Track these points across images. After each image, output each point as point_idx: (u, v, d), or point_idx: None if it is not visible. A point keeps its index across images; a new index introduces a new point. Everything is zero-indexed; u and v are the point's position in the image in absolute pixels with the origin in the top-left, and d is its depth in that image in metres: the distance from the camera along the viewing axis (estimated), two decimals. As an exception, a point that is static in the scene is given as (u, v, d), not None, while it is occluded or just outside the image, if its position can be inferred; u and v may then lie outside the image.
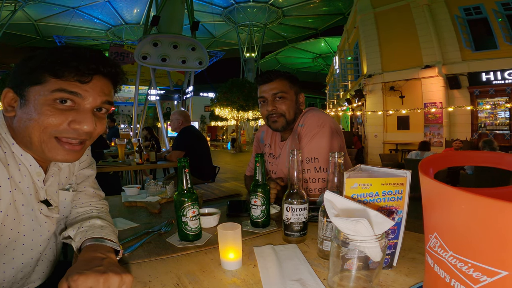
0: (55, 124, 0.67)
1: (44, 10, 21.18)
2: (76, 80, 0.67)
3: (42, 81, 0.66)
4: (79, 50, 0.69)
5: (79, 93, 0.68)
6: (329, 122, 1.37)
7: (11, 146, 0.71)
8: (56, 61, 0.66)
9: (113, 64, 0.74)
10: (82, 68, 0.67)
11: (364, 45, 12.08)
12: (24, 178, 0.74)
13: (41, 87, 0.66)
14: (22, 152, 0.73)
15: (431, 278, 0.47)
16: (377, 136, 11.64)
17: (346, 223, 0.56)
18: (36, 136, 0.67)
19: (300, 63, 35.31)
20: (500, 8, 9.22)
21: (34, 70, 0.66)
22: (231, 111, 14.66)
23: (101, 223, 0.85)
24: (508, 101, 9.37)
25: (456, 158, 0.64)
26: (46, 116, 0.66)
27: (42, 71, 0.66)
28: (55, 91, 0.65)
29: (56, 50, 0.69)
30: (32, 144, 0.69)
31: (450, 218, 0.41)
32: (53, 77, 0.66)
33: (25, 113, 0.67)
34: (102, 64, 0.70)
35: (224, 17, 25.71)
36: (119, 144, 3.65)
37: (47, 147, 0.69)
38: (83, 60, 0.67)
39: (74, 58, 0.67)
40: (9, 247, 0.74)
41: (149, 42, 9.34)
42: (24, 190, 0.74)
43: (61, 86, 0.66)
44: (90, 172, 0.98)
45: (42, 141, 0.68)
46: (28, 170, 0.74)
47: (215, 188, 1.79)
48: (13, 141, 0.71)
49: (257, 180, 0.99)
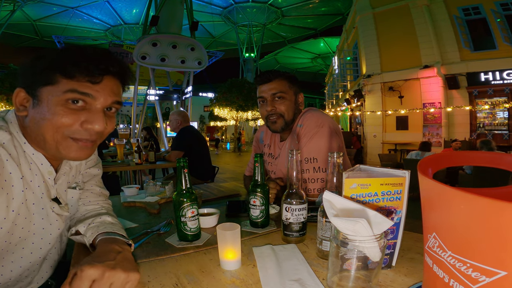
0: (68, 124, 0.68)
1: (43, 10, 21.15)
2: (88, 81, 0.68)
3: (54, 82, 0.67)
4: (88, 51, 0.71)
5: (90, 94, 0.69)
6: (328, 122, 1.37)
7: (22, 145, 0.73)
8: (66, 62, 0.67)
9: (122, 63, 0.75)
10: (92, 69, 0.68)
11: (363, 45, 12.11)
12: (35, 177, 0.75)
13: (54, 87, 0.67)
14: (33, 151, 0.74)
15: (430, 278, 0.47)
16: (376, 136, 11.66)
17: (345, 223, 0.56)
18: (49, 135, 0.69)
19: (299, 63, 35.35)
20: (499, 8, 9.25)
21: (45, 71, 0.67)
22: (230, 111, 14.66)
23: (111, 220, 0.87)
24: (506, 101, 9.40)
25: (455, 158, 0.64)
26: (59, 116, 0.67)
27: (53, 72, 0.67)
28: (67, 91, 0.67)
29: (66, 51, 0.70)
30: (45, 143, 0.70)
31: (449, 218, 0.41)
32: (64, 77, 0.67)
33: (38, 113, 0.68)
34: (111, 64, 0.72)
35: (224, 17, 25.73)
36: (118, 144, 3.64)
37: (61, 146, 0.70)
38: (93, 61, 0.69)
39: (84, 59, 0.68)
40: (19, 245, 0.76)
41: (148, 42, 9.33)
42: (35, 189, 0.75)
43: (73, 87, 0.67)
44: (96, 171, 0.99)
45: (56, 140, 0.69)
46: (39, 169, 0.76)
47: (214, 188, 1.79)
48: (24, 140, 0.73)
49: (256, 180, 0.99)
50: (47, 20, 22.62)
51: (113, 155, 4.39)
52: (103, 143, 4.65)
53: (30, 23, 22.38)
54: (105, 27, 25.30)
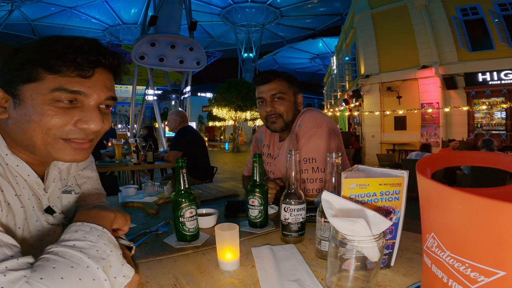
0: (59, 124, 0.60)
1: (41, 10, 21.06)
2: (77, 75, 0.60)
3: (37, 78, 0.58)
4: (74, 41, 0.61)
5: (82, 91, 0.61)
6: (326, 123, 1.38)
7: (4, 157, 0.64)
8: (50, 54, 0.58)
9: (114, 54, 0.66)
10: (81, 61, 0.59)
11: (361, 46, 12.13)
12: (23, 190, 0.67)
13: (37, 84, 0.58)
14: (18, 163, 0.66)
15: (429, 278, 0.47)
16: (374, 136, 11.68)
17: (344, 223, 0.56)
18: (39, 138, 0.60)
19: (298, 63, 35.38)
20: (497, 9, 9.29)
21: (25, 65, 0.58)
22: (228, 111, 14.64)
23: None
24: (504, 101, 9.44)
25: (453, 158, 0.64)
26: (48, 116, 0.59)
27: (35, 66, 0.58)
28: (54, 90, 0.58)
29: (48, 41, 0.61)
30: (35, 147, 0.62)
31: (448, 218, 0.41)
32: (49, 73, 0.58)
33: (22, 114, 0.59)
34: (102, 55, 0.63)
35: (222, 17, 25.72)
36: (116, 144, 3.64)
37: (53, 149, 0.62)
38: (81, 52, 0.59)
39: (71, 50, 0.59)
40: None
41: (146, 42, 9.30)
42: (25, 202, 0.68)
43: (61, 84, 0.59)
44: (90, 173, 0.95)
45: (47, 143, 0.61)
46: (26, 182, 0.68)
47: (212, 188, 1.79)
48: (6, 152, 0.64)
49: (255, 180, 0.99)
50: (45, 20, 22.52)
51: (111, 155, 4.38)
52: (101, 143, 4.63)
53: (28, 23, 22.28)
54: (103, 27, 25.22)
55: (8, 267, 0.45)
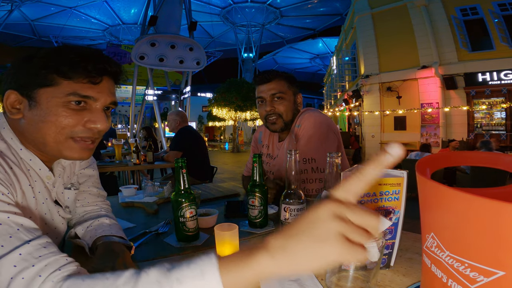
0: (72, 124, 0.68)
1: (41, 10, 21.08)
2: (88, 82, 0.68)
3: (53, 83, 0.66)
4: (84, 50, 0.69)
5: (92, 96, 0.69)
6: (326, 123, 1.38)
7: (18, 152, 0.70)
8: (64, 63, 0.66)
9: (116, 63, 0.75)
10: (91, 69, 0.67)
11: (361, 46, 12.13)
12: (35, 183, 0.73)
13: (54, 89, 0.66)
14: (30, 157, 0.72)
15: (428, 278, 0.47)
16: (374, 136, 11.68)
17: (344, 224, 0.56)
18: (51, 137, 0.68)
19: (297, 63, 35.39)
20: (497, 9, 9.30)
21: (41, 72, 0.66)
22: (228, 111, 14.64)
23: (109, 222, 0.88)
24: (504, 101, 9.44)
25: (453, 158, 0.64)
26: (63, 117, 0.66)
27: (51, 73, 0.65)
28: (69, 94, 0.66)
29: (61, 50, 0.69)
30: (46, 145, 0.69)
31: (447, 218, 0.41)
32: (64, 79, 0.66)
33: (37, 115, 0.66)
34: (108, 64, 0.71)
35: (222, 17, 25.73)
36: (116, 144, 3.63)
37: (63, 147, 0.69)
38: (91, 61, 0.68)
39: (82, 59, 0.67)
40: None
41: (146, 42, 9.31)
42: (37, 195, 0.74)
43: (75, 89, 0.66)
44: (91, 172, 0.99)
45: (58, 142, 0.68)
46: (38, 175, 0.74)
47: (212, 188, 1.79)
48: (21, 147, 0.70)
49: (255, 180, 0.99)
50: (45, 20, 22.54)
51: (111, 155, 4.38)
52: (101, 143, 4.63)
53: (28, 23, 22.30)
54: (103, 27, 25.23)
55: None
